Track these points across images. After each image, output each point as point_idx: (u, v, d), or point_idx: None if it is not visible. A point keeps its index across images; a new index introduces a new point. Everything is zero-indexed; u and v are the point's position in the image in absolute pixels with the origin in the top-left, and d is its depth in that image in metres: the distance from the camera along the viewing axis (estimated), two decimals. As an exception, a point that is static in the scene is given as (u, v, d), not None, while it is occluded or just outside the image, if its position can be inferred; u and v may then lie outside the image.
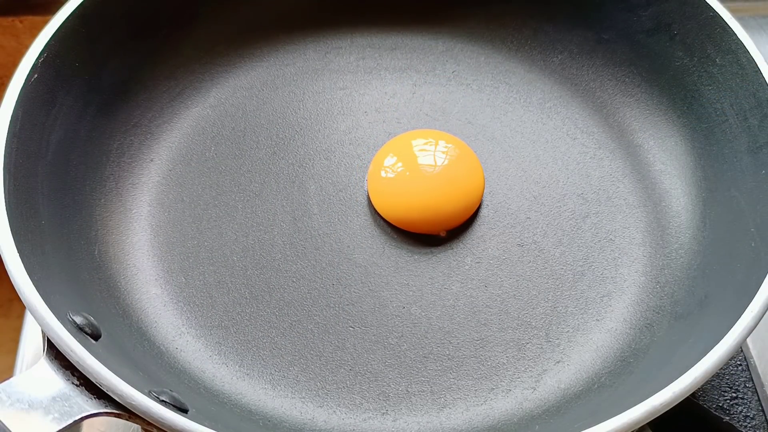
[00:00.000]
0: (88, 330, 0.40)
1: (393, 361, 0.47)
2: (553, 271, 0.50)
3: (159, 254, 0.50)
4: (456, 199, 0.51)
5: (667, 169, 0.54)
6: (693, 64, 0.53)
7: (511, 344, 0.47)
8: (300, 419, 0.45)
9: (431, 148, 0.53)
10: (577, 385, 0.46)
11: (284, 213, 0.52)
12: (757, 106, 0.47)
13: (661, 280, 0.50)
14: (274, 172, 0.54)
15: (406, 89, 0.59)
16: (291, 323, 0.48)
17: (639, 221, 0.53)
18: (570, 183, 0.54)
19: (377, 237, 0.51)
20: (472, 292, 0.49)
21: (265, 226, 0.51)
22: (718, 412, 0.48)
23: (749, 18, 0.73)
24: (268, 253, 0.50)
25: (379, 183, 0.52)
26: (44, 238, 0.43)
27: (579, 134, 0.57)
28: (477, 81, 0.60)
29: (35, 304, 0.37)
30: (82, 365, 0.36)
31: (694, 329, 0.44)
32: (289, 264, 0.50)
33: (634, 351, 0.47)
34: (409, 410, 0.45)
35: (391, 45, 0.62)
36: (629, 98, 0.57)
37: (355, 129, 0.57)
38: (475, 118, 0.57)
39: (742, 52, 0.49)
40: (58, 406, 0.35)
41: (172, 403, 0.38)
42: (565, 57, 0.60)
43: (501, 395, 0.45)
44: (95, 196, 0.51)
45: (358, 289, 0.49)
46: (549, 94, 0.59)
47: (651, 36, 0.56)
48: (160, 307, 0.48)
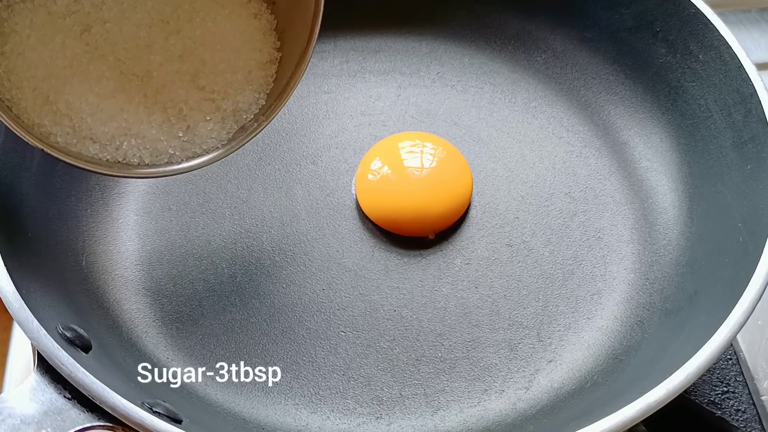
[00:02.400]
0: (78, 342, 0.39)
1: (385, 364, 0.46)
2: (543, 271, 0.50)
3: (147, 264, 0.50)
4: (444, 201, 0.51)
5: (653, 166, 0.54)
6: (676, 60, 0.53)
7: (503, 345, 0.47)
8: (294, 426, 0.44)
9: (418, 151, 0.53)
10: (570, 384, 0.46)
11: (272, 219, 0.52)
12: (741, 102, 0.48)
13: (650, 276, 0.50)
14: (260, 177, 0.54)
15: (391, 92, 0.59)
16: (282, 329, 0.47)
17: (627, 218, 0.53)
18: (557, 182, 0.54)
19: (366, 241, 0.51)
20: (463, 293, 0.49)
21: (254, 232, 0.51)
22: (710, 406, 0.48)
23: (730, 13, 0.73)
24: (257, 260, 0.50)
25: (367, 186, 0.52)
26: (31, 250, 0.43)
27: (565, 133, 0.57)
28: (462, 82, 0.60)
29: (24, 318, 0.37)
30: (74, 378, 0.35)
31: (684, 325, 0.44)
32: (278, 270, 0.50)
33: (625, 348, 0.47)
34: (403, 414, 0.45)
35: (375, 48, 0.62)
36: (614, 96, 0.57)
37: (341, 133, 0.57)
38: (460, 119, 0.58)
39: (725, 48, 0.49)
40: (50, 420, 0.35)
41: (166, 414, 0.38)
42: (548, 56, 0.60)
43: (494, 396, 0.46)
44: (81, 207, 0.50)
45: (349, 293, 0.49)
46: (534, 94, 0.59)
47: (633, 34, 0.56)
48: (150, 317, 0.48)
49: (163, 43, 0.41)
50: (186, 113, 0.42)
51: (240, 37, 0.43)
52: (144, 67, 0.41)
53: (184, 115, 0.42)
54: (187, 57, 0.42)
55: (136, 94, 0.41)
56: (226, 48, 0.43)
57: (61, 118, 0.40)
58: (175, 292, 0.49)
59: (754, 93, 0.47)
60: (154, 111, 0.41)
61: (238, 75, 0.43)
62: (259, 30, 0.44)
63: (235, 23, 0.43)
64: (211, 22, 0.42)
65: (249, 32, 0.44)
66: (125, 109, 0.41)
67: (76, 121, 0.40)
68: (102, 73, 0.40)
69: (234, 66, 0.43)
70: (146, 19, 0.41)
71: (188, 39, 0.42)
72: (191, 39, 0.42)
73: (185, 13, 0.42)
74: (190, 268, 0.50)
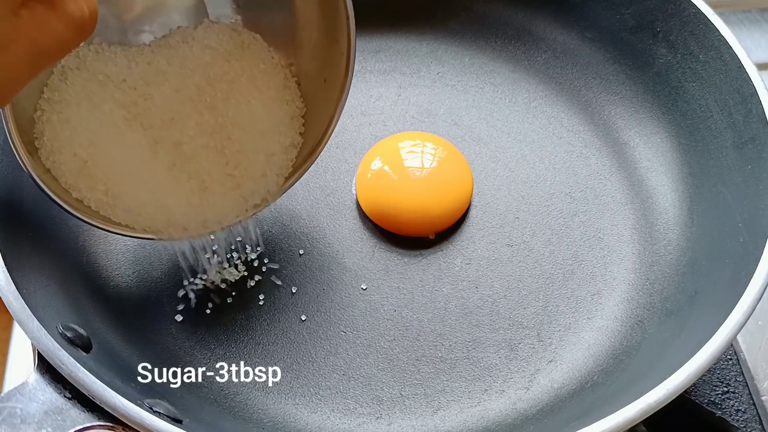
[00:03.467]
0: (78, 342, 0.39)
1: (386, 364, 0.46)
2: (543, 271, 0.50)
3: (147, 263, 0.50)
4: (445, 201, 0.51)
5: (654, 166, 0.54)
6: (676, 60, 0.53)
7: (504, 345, 0.47)
8: (294, 426, 0.44)
9: (418, 151, 0.53)
10: (571, 384, 0.46)
11: (273, 219, 0.52)
12: (741, 102, 0.48)
13: (650, 276, 0.50)
14: (261, 177, 0.54)
15: (392, 92, 0.59)
16: (282, 329, 0.47)
17: (627, 218, 0.53)
18: (557, 182, 0.54)
19: (367, 240, 0.51)
20: (463, 293, 0.49)
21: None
22: (710, 406, 0.48)
23: (730, 13, 0.73)
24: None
25: (368, 186, 0.52)
26: (31, 250, 0.43)
27: (565, 133, 0.57)
28: (462, 82, 0.60)
29: (24, 318, 0.37)
30: (74, 378, 0.35)
31: (685, 325, 0.44)
32: (278, 270, 0.50)
33: (625, 348, 0.47)
34: (403, 414, 0.45)
35: (375, 48, 0.62)
36: (614, 96, 0.57)
37: (341, 133, 0.56)
38: (461, 119, 0.58)
39: (725, 48, 0.49)
40: (50, 420, 0.35)
41: (166, 414, 0.38)
42: (549, 56, 0.60)
43: (495, 396, 0.46)
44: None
45: (349, 293, 0.49)
46: (534, 94, 0.59)
47: (634, 34, 0.56)
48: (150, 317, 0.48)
49: (198, 118, 0.42)
50: (207, 185, 0.43)
51: (269, 121, 0.44)
52: (176, 138, 0.42)
53: (206, 186, 0.43)
54: (217, 133, 0.43)
55: (165, 163, 0.42)
56: (255, 129, 0.43)
57: (95, 182, 0.41)
58: (175, 292, 0.48)
59: (754, 93, 0.47)
60: (180, 180, 0.42)
61: (260, 156, 0.44)
62: (288, 115, 0.45)
63: (268, 107, 0.44)
64: (244, 104, 0.43)
65: (279, 116, 0.45)
66: (154, 178, 0.42)
67: (110, 186, 0.41)
68: (138, 141, 0.41)
69: (257, 147, 0.44)
70: (187, 93, 0.42)
71: (221, 116, 0.43)
72: (224, 117, 0.43)
73: (222, 92, 0.43)
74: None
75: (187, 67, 0.42)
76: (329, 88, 0.44)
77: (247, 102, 0.43)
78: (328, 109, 0.45)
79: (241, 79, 0.43)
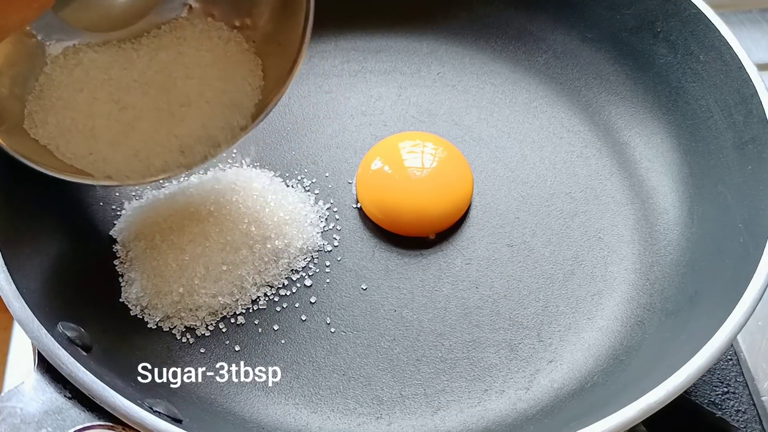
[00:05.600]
0: (78, 342, 0.39)
1: (386, 364, 0.46)
2: (543, 271, 0.50)
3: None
4: (445, 201, 0.51)
5: (654, 166, 0.54)
6: (677, 61, 0.53)
7: (504, 345, 0.47)
8: (294, 426, 0.44)
9: (419, 151, 0.53)
10: (571, 384, 0.46)
11: (273, 218, 0.52)
12: (742, 102, 0.48)
13: (650, 277, 0.50)
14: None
15: (392, 92, 0.59)
16: (282, 329, 0.47)
17: (627, 219, 0.53)
18: (558, 182, 0.54)
19: (367, 240, 0.51)
20: (463, 293, 0.49)
21: (254, 232, 0.51)
22: (710, 407, 0.48)
23: (731, 14, 0.73)
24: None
25: (368, 186, 0.52)
26: (31, 250, 0.43)
27: (565, 133, 0.57)
28: (462, 82, 0.60)
29: (25, 318, 0.37)
30: (74, 378, 0.35)
31: (685, 326, 0.44)
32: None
33: (626, 348, 0.47)
34: (404, 414, 0.45)
35: (376, 48, 0.62)
36: (614, 96, 0.57)
37: (341, 133, 0.57)
38: (461, 119, 0.58)
39: (726, 49, 0.49)
40: (50, 419, 0.35)
41: (166, 413, 0.38)
42: (549, 56, 0.60)
43: (495, 396, 0.46)
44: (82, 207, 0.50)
45: (349, 293, 0.49)
46: (534, 94, 0.59)
47: (634, 34, 0.56)
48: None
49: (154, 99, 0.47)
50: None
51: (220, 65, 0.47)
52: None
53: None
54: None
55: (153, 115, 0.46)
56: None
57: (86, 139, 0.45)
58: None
59: (754, 93, 0.47)
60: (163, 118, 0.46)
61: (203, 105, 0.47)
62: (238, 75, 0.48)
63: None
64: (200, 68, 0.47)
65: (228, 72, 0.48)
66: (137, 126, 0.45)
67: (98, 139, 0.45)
68: (125, 105, 0.45)
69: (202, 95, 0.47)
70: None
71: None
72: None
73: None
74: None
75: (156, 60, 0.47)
76: (284, 51, 0.46)
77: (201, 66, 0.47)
78: (282, 73, 0.46)
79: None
